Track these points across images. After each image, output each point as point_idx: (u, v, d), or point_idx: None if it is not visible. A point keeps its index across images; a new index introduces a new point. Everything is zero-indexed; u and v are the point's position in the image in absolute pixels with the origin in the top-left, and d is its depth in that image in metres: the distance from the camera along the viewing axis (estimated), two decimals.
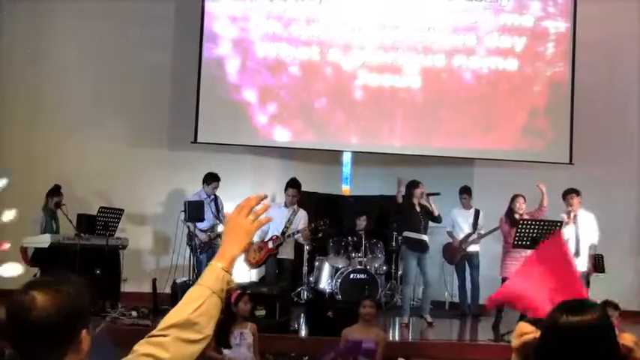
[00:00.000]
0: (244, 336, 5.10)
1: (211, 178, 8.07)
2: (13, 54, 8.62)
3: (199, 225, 7.96)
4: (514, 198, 7.66)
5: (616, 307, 5.43)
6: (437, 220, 7.79)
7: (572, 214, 7.43)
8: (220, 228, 7.97)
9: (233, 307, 5.15)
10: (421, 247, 7.60)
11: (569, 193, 7.52)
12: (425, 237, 7.62)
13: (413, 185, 7.63)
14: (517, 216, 7.56)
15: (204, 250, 7.92)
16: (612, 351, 1.64)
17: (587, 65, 8.96)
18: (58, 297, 1.55)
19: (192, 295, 1.67)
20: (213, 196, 8.13)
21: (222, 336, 4.89)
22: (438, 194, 7.75)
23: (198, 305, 1.64)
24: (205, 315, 1.65)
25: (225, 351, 4.98)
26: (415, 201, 7.62)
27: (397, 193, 7.66)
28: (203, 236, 7.93)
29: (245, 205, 1.76)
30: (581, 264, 7.27)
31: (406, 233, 7.69)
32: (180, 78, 9.05)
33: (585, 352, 1.62)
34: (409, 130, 9.07)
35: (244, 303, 5.25)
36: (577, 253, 7.28)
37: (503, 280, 7.46)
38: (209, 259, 7.60)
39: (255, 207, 1.78)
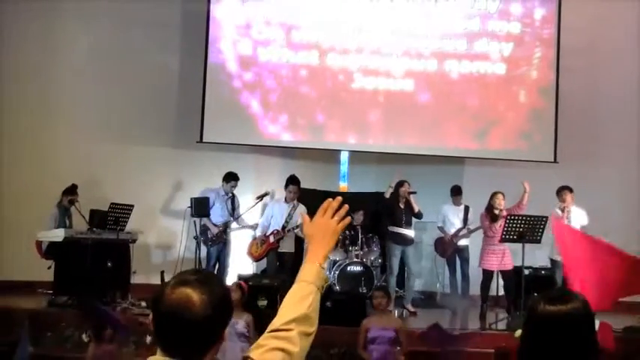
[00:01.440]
0: (237, 326, 4.99)
1: (231, 177, 8.10)
2: (24, 56, 8.58)
3: (213, 219, 7.99)
4: (493, 195, 7.72)
5: None
6: (417, 216, 7.90)
7: (565, 210, 7.46)
8: (234, 225, 8.11)
9: None
10: (405, 241, 7.71)
11: (562, 190, 7.56)
12: (408, 231, 7.73)
13: (399, 184, 7.75)
14: (497, 212, 7.61)
15: (216, 243, 7.95)
16: (588, 341, 1.63)
17: (570, 69, 9.00)
18: (211, 293, 1.55)
19: (301, 291, 1.68)
20: (230, 194, 8.16)
21: None
22: (414, 192, 7.86)
23: (310, 301, 1.66)
24: (316, 309, 1.68)
25: None
26: (401, 198, 7.73)
27: (388, 189, 7.75)
28: (215, 230, 7.93)
29: (328, 207, 1.79)
30: None
31: (391, 228, 7.80)
32: (186, 81, 9.07)
33: (561, 341, 1.61)
34: (403, 131, 9.10)
35: (233, 291, 5.16)
36: None
37: (484, 271, 7.70)
38: (219, 252, 7.56)
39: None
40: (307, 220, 1.80)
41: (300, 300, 1.66)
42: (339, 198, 1.80)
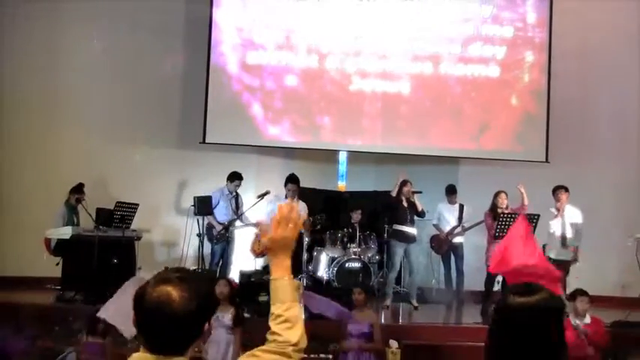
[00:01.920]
0: (223, 319, 5.01)
1: (235, 177, 8.11)
2: (30, 58, 8.56)
3: (218, 218, 8.03)
4: (497, 194, 7.74)
5: (586, 293, 5.57)
6: (420, 215, 7.94)
7: (560, 209, 7.47)
8: (238, 223, 8.14)
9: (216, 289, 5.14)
10: (408, 239, 7.75)
11: (558, 189, 7.54)
12: (410, 229, 7.76)
13: (403, 183, 7.80)
14: (500, 210, 7.61)
15: (220, 241, 7.98)
16: (556, 333, 1.60)
17: (562, 73, 9.04)
18: (192, 291, 1.57)
19: (291, 317, 1.68)
20: (234, 194, 8.19)
21: None
22: (420, 192, 7.93)
23: (301, 327, 1.69)
24: (300, 323, 1.70)
25: None
26: (403, 197, 7.77)
27: (395, 187, 7.80)
28: (219, 228, 7.95)
29: (281, 218, 1.74)
30: (566, 254, 7.41)
31: (395, 226, 7.84)
32: (189, 83, 9.07)
33: (529, 333, 1.59)
34: (400, 132, 9.12)
35: (223, 285, 5.23)
36: (563, 244, 7.42)
37: (488, 273, 7.55)
38: (223, 250, 7.65)
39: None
40: (265, 233, 1.75)
41: (294, 327, 1.67)
42: (292, 204, 1.77)
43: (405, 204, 7.77)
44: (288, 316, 1.66)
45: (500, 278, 7.33)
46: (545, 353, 1.59)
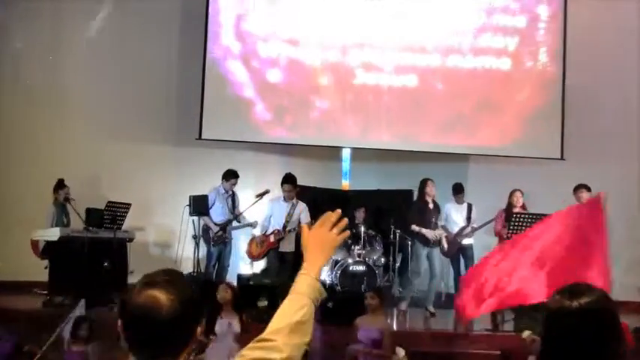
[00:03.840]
0: (232, 326, 4.98)
1: (231, 175, 8.05)
2: (20, 52, 8.57)
3: (214, 218, 7.97)
4: (512, 193, 7.70)
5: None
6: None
7: None
8: (235, 224, 8.10)
9: (217, 295, 5.10)
10: (429, 242, 7.72)
11: (579, 189, 7.50)
12: (435, 232, 7.75)
13: (423, 183, 7.79)
14: (515, 210, 7.52)
15: (217, 243, 7.91)
16: (610, 334, 1.59)
17: (577, 64, 8.93)
18: (180, 294, 1.56)
19: (294, 303, 1.65)
20: (230, 192, 8.14)
21: (207, 323, 4.87)
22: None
23: (304, 312, 1.63)
24: (309, 321, 1.64)
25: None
26: (429, 198, 7.75)
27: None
28: (216, 229, 7.90)
29: (327, 219, 1.76)
30: None
31: (418, 228, 7.75)
32: (185, 77, 9.05)
33: (580, 336, 1.57)
34: (406, 127, 9.05)
35: (224, 290, 5.18)
36: None
37: None
38: (219, 252, 7.49)
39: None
40: (306, 229, 1.77)
41: (292, 311, 1.63)
42: (339, 211, 1.79)
43: (431, 206, 7.76)
44: (299, 319, 1.62)
45: None
46: (605, 356, 1.58)
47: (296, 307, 1.63)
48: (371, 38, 8.90)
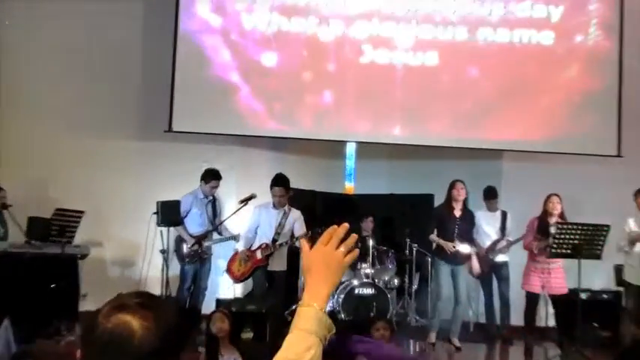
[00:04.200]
0: None
1: (210, 176, 8.08)
2: None
3: (190, 230, 8.02)
4: (548, 198, 7.72)
5: None
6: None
7: None
8: (215, 236, 8.20)
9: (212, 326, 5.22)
10: (455, 258, 7.73)
11: None
12: (461, 246, 7.77)
13: (451, 185, 7.84)
14: (553, 220, 7.56)
15: (193, 260, 7.95)
16: None
17: (636, 41, 8.93)
18: (157, 320, 1.57)
19: (300, 342, 1.64)
20: (211, 197, 8.19)
21: None
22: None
23: (312, 354, 1.62)
24: None
25: None
26: (456, 204, 7.79)
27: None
28: (192, 241, 7.94)
29: (333, 235, 1.75)
30: None
31: (438, 240, 7.81)
32: (152, 56, 9.09)
33: None
34: (424, 117, 9.05)
35: (220, 320, 5.29)
36: None
37: (527, 295, 7.66)
38: (195, 271, 7.43)
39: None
40: (307, 248, 1.76)
41: (298, 353, 1.61)
42: (346, 225, 1.78)
43: (456, 213, 7.79)
44: None
45: (551, 309, 7.58)
46: None
47: (302, 347, 1.61)
48: (381, 6, 8.90)
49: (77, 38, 8.93)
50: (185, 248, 7.92)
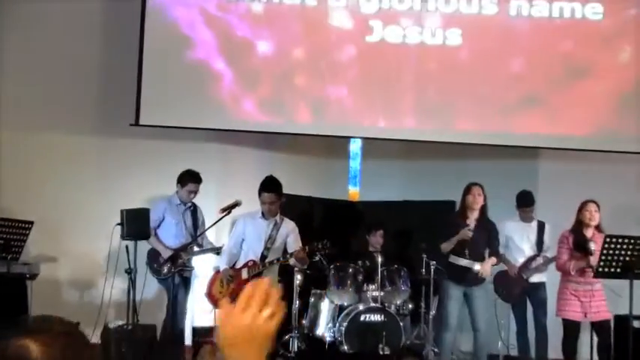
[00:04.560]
0: None
1: (188, 178, 8.11)
2: None
3: (165, 241, 8.04)
4: (582, 206, 7.78)
5: None
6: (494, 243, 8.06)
7: None
8: (195, 249, 8.20)
9: None
10: (469, 279, 7.77)
11: None
12: (473, 266, 7.82)
13: (466, 189, 7.91)
14: (589, 233, 7.62)
15: (167, 276, 7.96)
16: None
17: None
18: (59, 344, 1.64)
19: None
20: (190, 205, 8.22)
21: None
22: None
23: None
24: None
25: None
26: (471, 213, 7.81)
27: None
28: (168, 255, 7.95)
29: (253, 295, 1.67)
30: None
31: (451, 257, 7.86)
32: (114, 33, 9.11)
33: None
34: (444, 107, 9.06)
35: (210, 355, 5.19)
36: None
37: (565, 323, 7.69)
38: (169, 289, 7.83)
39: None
40: (227, 309, 1.68)
41: None
42: (267, 280, 1.72)
43: (471, 223, 7.80)
44: None
45: (593, 338, 7.57)
46: None
47: None
48: None
49: (20, 20, 9.01)
50: (160, 263, 7.98)
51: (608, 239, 7.21)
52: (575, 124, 9.04)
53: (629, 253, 6.93)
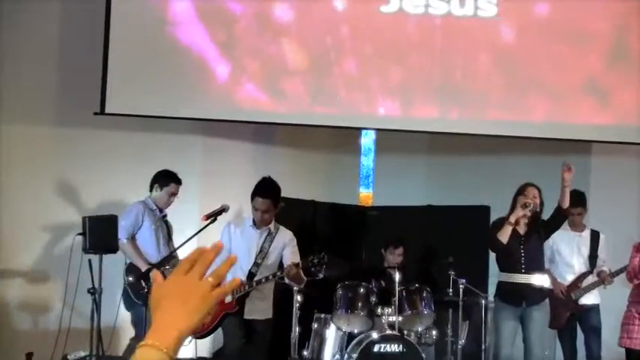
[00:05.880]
0: None
1: (167, 179, 8.12)
2: None
3: (149, 256, 8.01)
4: None
5: None
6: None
7: None
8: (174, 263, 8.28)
9: None
10: (525, 298, 7.64)
11: None
12: (532, 280, 7.66)
13: (519, 190, 7.72)
14: None
15: (137, 298, 7.88)
16: None
17: None
18: None
19: None
20: (165, 213, 8.29)
21: None
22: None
23: None
24: None
25: None
26: (517, 218, 7.67)
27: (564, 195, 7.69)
28: (145, 267, 7.83)
29: (198, 260, 1.80)
30: None
31: (501, 276, 7.78)
32: (74, 9, 9.14)
33: None
34: (476, 93, 9.08)
35: None
36: None
37: (628, 352, 7.69)
38: (140, 319, 7.54)
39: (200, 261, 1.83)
40: (159, 279, 1.84)
41: None
42: (219, 244, 1.85)
43: (521, 230, 7.66)
44: None
45: None
46: None
47: None
48: None
49: None
50: (134, 279, 7.86)
51: None
52: (630, 114, 9.07)
53: None
